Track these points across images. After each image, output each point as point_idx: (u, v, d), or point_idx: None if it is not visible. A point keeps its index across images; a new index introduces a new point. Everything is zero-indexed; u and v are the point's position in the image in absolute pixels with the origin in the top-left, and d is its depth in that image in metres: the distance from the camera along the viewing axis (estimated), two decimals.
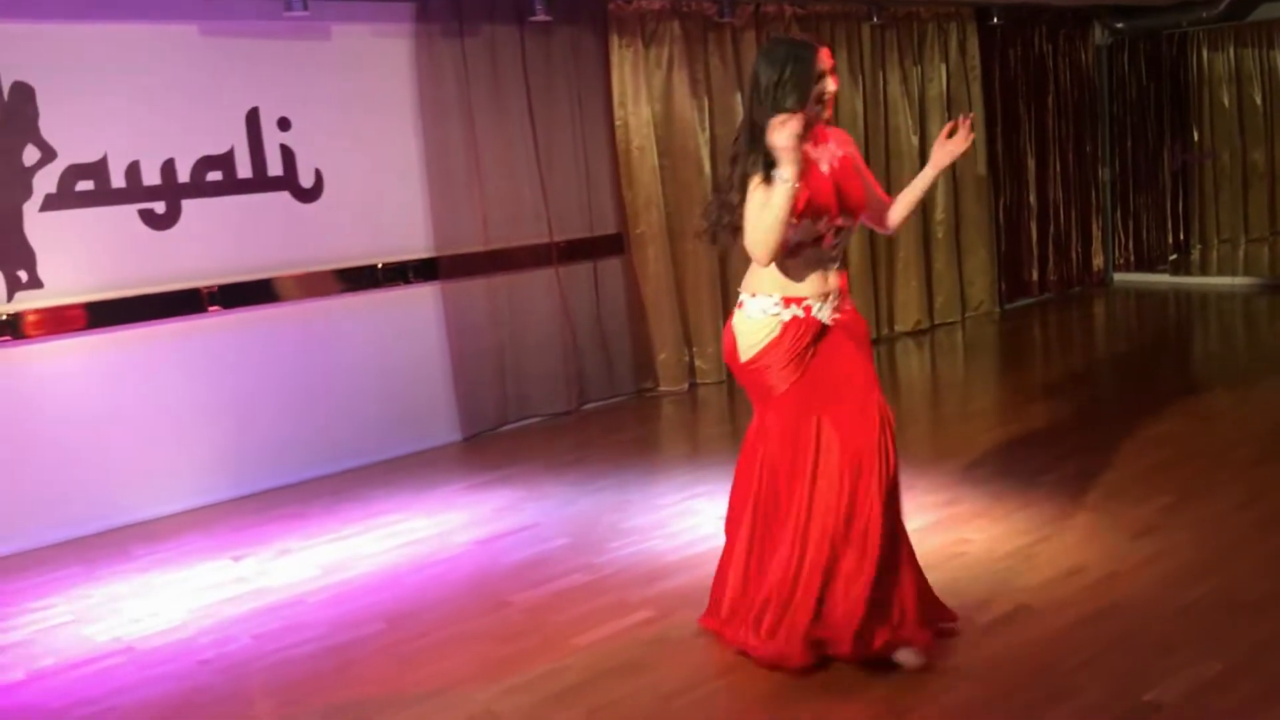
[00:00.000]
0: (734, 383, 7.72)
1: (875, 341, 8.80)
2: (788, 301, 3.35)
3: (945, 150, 3.54)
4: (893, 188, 8.65)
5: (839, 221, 3.35)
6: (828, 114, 3.35)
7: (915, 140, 9.06)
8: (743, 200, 3.24)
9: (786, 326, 3.35)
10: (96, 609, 4.41)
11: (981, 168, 9.54)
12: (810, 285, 3.36)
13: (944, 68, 9.22)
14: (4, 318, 5.19)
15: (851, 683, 3.31)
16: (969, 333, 9.22)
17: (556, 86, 6.97)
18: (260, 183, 5.94)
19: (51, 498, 5.30)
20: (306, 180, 6.09)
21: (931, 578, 3.57)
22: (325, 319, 6.17)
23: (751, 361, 3.40)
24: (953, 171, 9.22)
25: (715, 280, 7.73)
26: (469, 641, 3.83)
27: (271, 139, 5.97)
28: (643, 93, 7.40)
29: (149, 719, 3.47)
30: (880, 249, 8.94)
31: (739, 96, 7.85)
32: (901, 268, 9.13)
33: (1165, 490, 4.75)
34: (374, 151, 6.33)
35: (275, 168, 5.99)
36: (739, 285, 3.50)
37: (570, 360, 7.14)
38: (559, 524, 4.98)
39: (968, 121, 3.48)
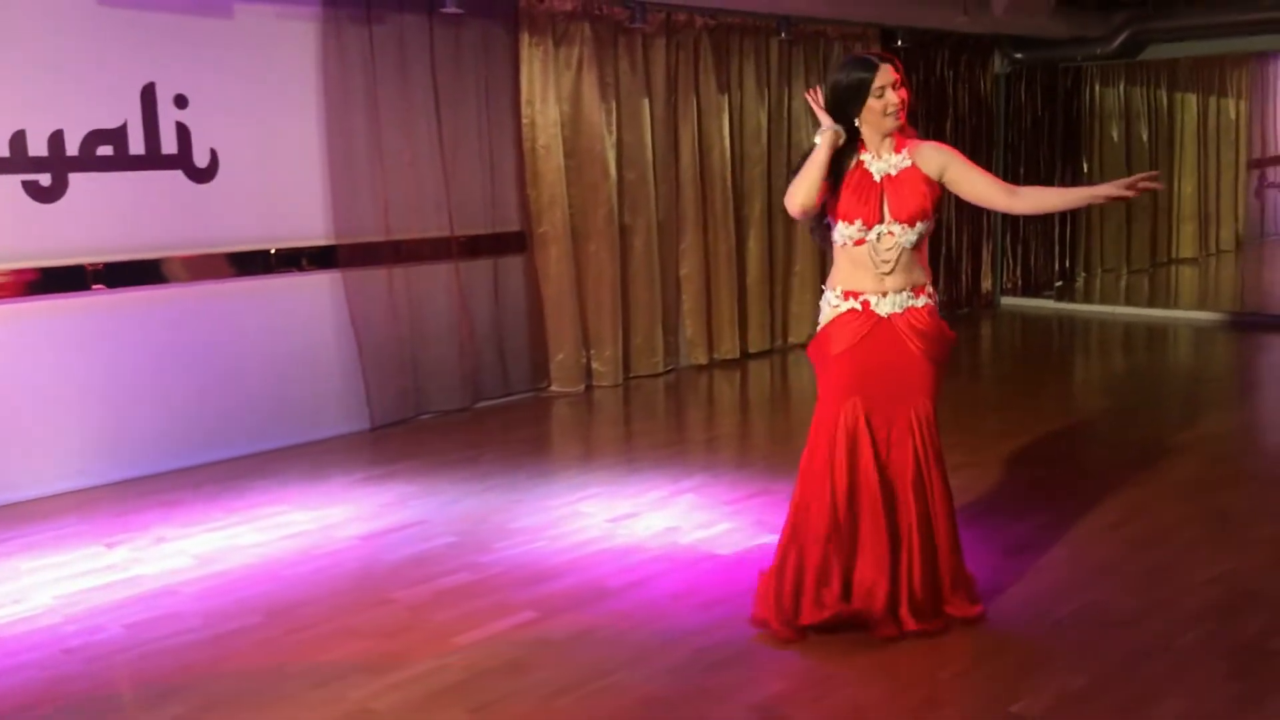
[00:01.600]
0: (629, 387, 7.79)
1: (769, 352, 8.92)
2: (847, 295, 3.60)
3: (1113, 191, 3.43)
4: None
5: (881, 228, 3.52)
6: (898, 122, 3.54)
7: None
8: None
9: (844, 315, 3.60)
10: None
11: None
12: (867, 282, 3.57)
13: None
14: None
15: (727, 688, 3.34)
16: None
17: (464, 80, 6.92)
18: (153, 160, 5.78)
19: None
20: (201, 160, 5.94)
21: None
22: (216, 303, 6.02)
23: (818, 337, 3.65)
24: None
25: (616, 283, 7.74)
26: (349, 637, 3.77)
27: (167, 116, 5.81)
28: (551, 92, 7.38)
29: (8, 709, 3.34)
30: (779, 258, 9.03)
31: (646, 102, 7.90)
32: (797, 280, 9.23)
33: (1041, 507, 4.89)
34: (273, 134, 6.20)
35: (170, 145, 5.83)
36: (640, 289, 3.59)
37: (467, 356, 7.09)
38: (446, 522, 4.93)
39: (1153, 182, 3.44)
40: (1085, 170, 11.46)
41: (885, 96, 3.48)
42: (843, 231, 3.55)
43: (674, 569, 4.28)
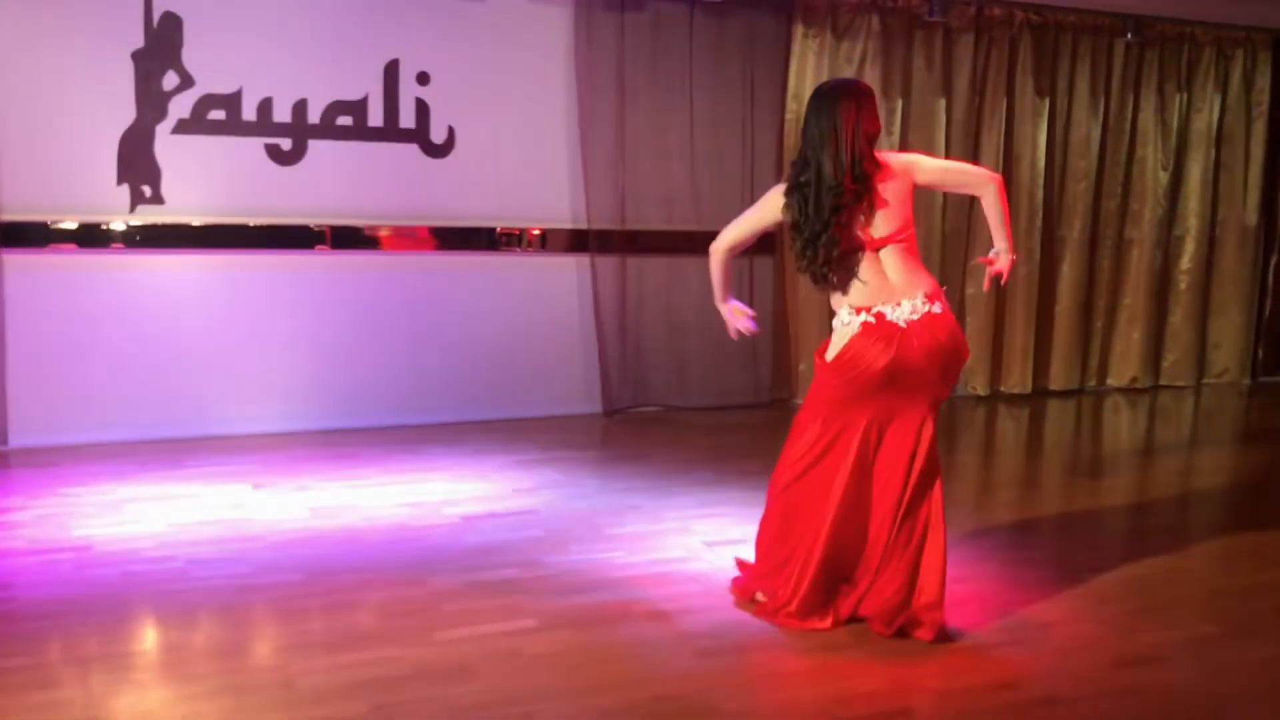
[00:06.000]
0: None
1: (1077, 392, 7.98)
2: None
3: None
4: (1126, 227, 7.81)
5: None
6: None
7: (1165, 176, 8.04)
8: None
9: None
10: (99, 507, 4.73)
11: (1251, 216, 8.35)
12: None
13: (1218, 99, 8.10)
14: (125, 227, 5.64)
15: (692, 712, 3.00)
16: (1204, 401, 8.14)
17: (722, 71, 6.72)
18: (391, 133, 6.11)
19: (138, 399, 5.74)
20: (438, 136, 6.20)
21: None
22: (433, 273, 6.29)
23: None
24: (1212, 215, 8.17)
25: None
26: (345, 610, 3.78)
27: (408, 91, 6.12)
28: None
29: (32, 614, 3.67)
30: (1100, 290, 8.03)
31: (943, 103, 7.28)
32: (1125, 315, 8.16)
33: None
34: (513, 117, 6.35)
35: (408, 120, 6.14)
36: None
37: (706, 355, 6.92)
38: (551, 517, 4.83)
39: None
40: None
41: None
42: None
43: (718, 608, 3.91)
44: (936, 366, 3.57)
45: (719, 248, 3.86)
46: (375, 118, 6.06)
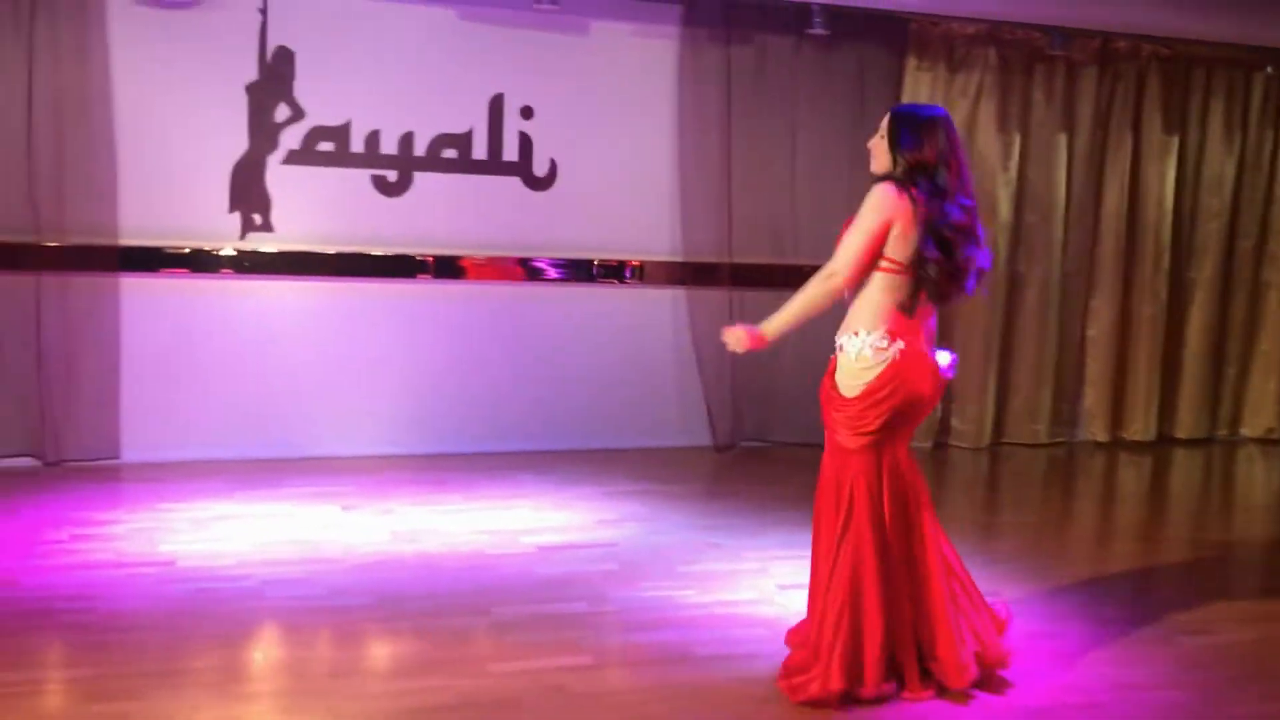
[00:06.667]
0: (997, 453, 7.05)
1: (1206, 441, 7.59)
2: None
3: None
4: (1263, 269, 7.45)
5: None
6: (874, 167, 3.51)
7: None
8: None
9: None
10: (191, 523, 4.87)
11: None
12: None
13: None
14: (234, 253, 5.84)
15: None
16: None
17: (829, 104, 6.62)
18: (494, 165, 6.20)
19: (242, 419, 5.91)
20: (540, 169, 6.26)
21: None
22: (532, 303, 6.33)
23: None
24: None
25: (993, 334, 7.00)
26: (404, 638, 3.79)
27: (512, 125, 6.20)
28: None
29: (106, 625, 3.78)
30: (1233, 334, 7.63)
31: (1064, 137, 7.04)
32: (1260, 363, 7.73)
33: None
34: (616, 149, 6.36)
35: (511, 153, 6.21)
36: (1027, 345, 3.65)
37: (810, 393, 6.77)
38: (629, 550, 4.78)
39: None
40: None
41: (872, 139, 3.51)
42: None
43: (783, 655, 3.80)
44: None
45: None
46: (479, 150, 6.15)
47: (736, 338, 3.56)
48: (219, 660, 3.55)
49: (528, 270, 6.28)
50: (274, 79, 5.81)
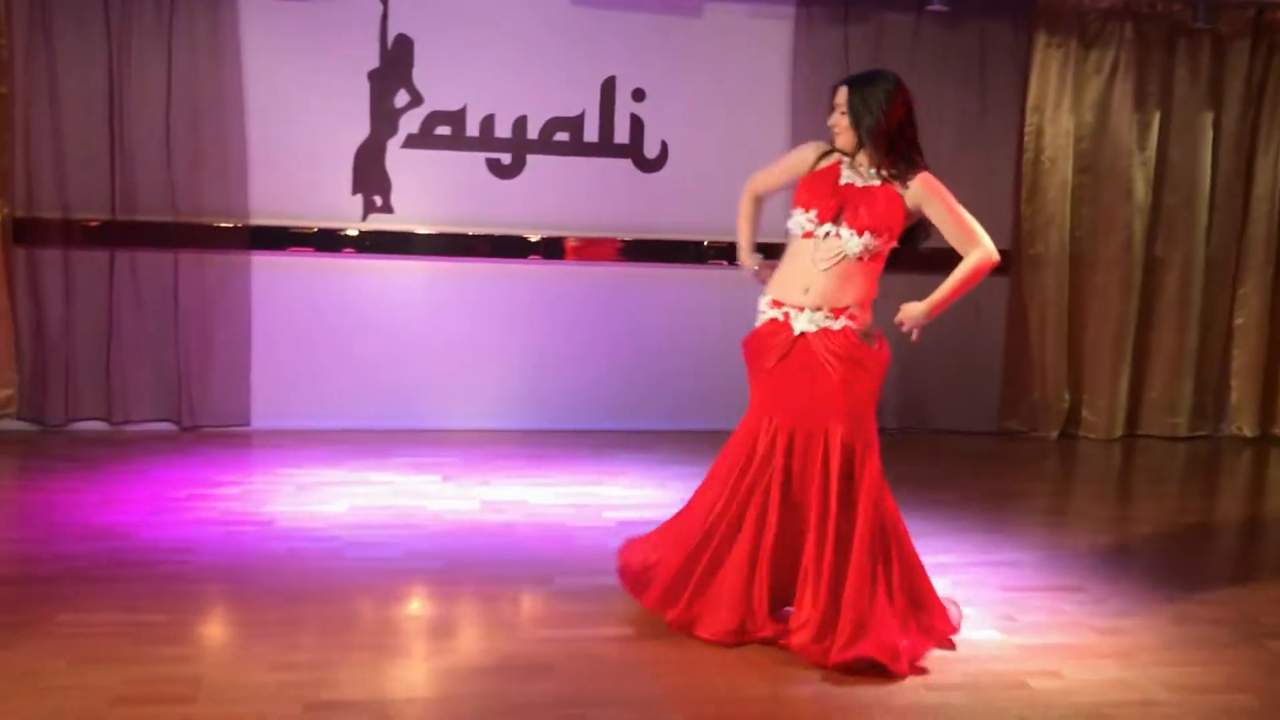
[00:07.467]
0: (1130, 445, 6.79)
1: (1264, 439, 7.08)
2: (774, 304, 3.76)
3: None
4: None
5: (830, 228, 3.62)
6: (841, 141, 3.71)
7: None
8: None
9: (767, 325, 3.75)
10: (299, 487, 5.16)
11: None
12: (793, 293, 3.67)
13: None
14: (357, 233, 6.13)
15: None
16: None
17: (953, 83, 6.45)
18: (605, 148, 6.29)
19: (361, 390, 6.20)
20: (652, 151, 6.33)
21: None
22: (641, 284, 6.40)
23: (749, 340, 3.83)
24: None
25: (1128, 321, 6.72)
26: (463, 601, 3.96)
27: (623, 108, 6.28)
28: (1067, 99, 6.57)
29: (199, 576, 4.07)
30: None
31: (1210, 115, 6.68)
32: None
33: None
34: (728, 131, 6.35)
35: (623, 135, 6.30)
36: (1166, 333, 3.83)
37: (923, 376, 6.65)
38: None
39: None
40: None
41: (833, 116, 3.67)
42: (797, 219, 3.66)
43: None
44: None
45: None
46: (591, 133, 6.26)
47: (914, 316, 3.64)
48: (280, 615, 3.74)
49: (637, 251, 6.36)
50: (394, 66, 6.06)
